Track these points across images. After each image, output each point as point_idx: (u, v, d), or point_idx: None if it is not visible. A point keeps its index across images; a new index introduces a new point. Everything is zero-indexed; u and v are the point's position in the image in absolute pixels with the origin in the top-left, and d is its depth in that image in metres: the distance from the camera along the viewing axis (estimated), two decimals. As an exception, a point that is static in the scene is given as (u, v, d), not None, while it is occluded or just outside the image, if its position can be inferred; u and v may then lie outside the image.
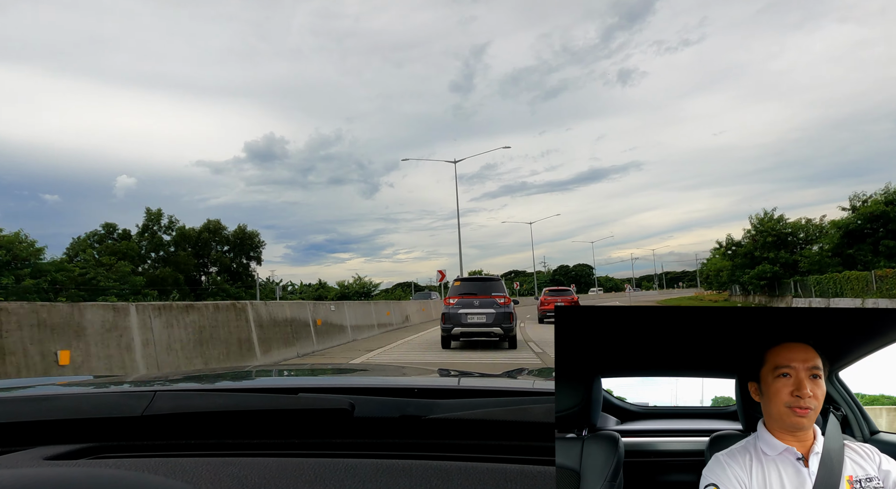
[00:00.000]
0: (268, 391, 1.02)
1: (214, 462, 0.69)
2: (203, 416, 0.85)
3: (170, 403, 0.86)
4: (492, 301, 11.35)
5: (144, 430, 0.85)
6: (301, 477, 0.65)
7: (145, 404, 0.84)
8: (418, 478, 0.65)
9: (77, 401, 0.91)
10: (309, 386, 1.08)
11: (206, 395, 0.95)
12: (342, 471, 0.66)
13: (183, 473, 0.65)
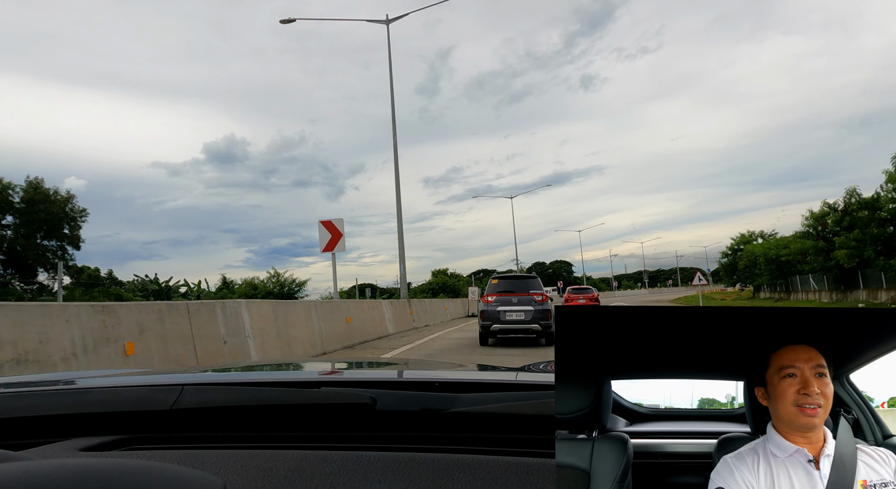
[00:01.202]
0: (291, 385, 1.05)
1: (241, 454, 0.72)
2: (229, 410, 0.88)
3: (197, 397, 0.89)
4: (530, 298, 11.61)
5: (173, 423, 0.88)
6: (325, 469, 0.66)
7: (174, 398, 0.88)
8: (440, 471, 0.65)
9: (110, 395, 0.95)
10: (332, 380, 1.10)
11: (231, 389, 0.98)
12: (365, 463, 0.68)
13: (211, 465, 0.68)
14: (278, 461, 0.69)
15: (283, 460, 0.69)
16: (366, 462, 0.68)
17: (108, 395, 0.95)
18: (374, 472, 0.65)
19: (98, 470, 0.38)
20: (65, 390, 1.00)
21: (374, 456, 0.70)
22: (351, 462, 0.68)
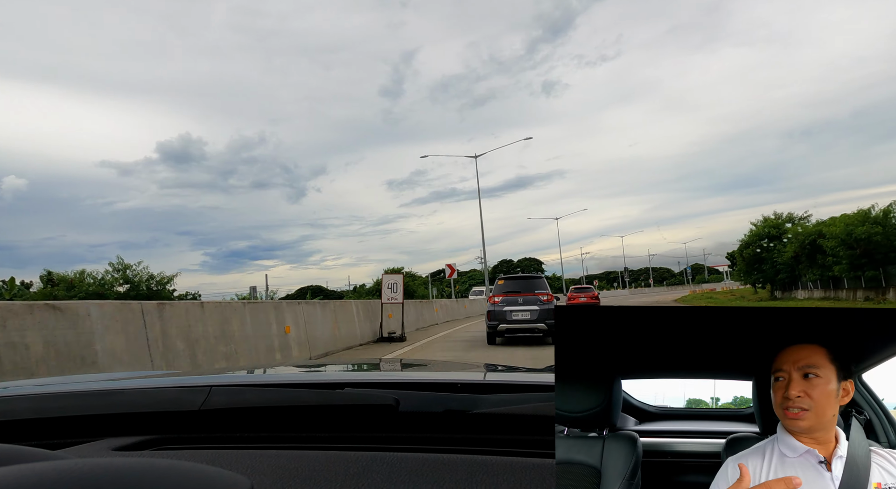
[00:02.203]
0: (316, 386, 1.07)
1: (267, 454, 0.74)
2: (256, 410, 0.90)
3: (225, 398, 0.92)
4: (535, 298, 11.84)
5: (202, 423, 0.91)
6: (349, 470, 0.68)
7: (202, 399, 0.90)
8: (464, 472, 0.66)
9: (141, 396, 0.98)
10: (355, 381, 1.12)
11: (258, 390, 1.01)
12: (388, 464, 0.69)
13: (239, 465, 0.70)
14: (304, 461, 0.71)
15: (309, 460, 0.71)
16: (389, 463, 0.69)
17: (139, 397, 0.98)
18: (397, 473, 0.67)
19: (131, 469, 0.40)
20: (98, 391, 1.03)
21: (397, 457, 0.71)
22: (375, 463, 0.69)
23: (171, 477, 0.40)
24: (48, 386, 1.12)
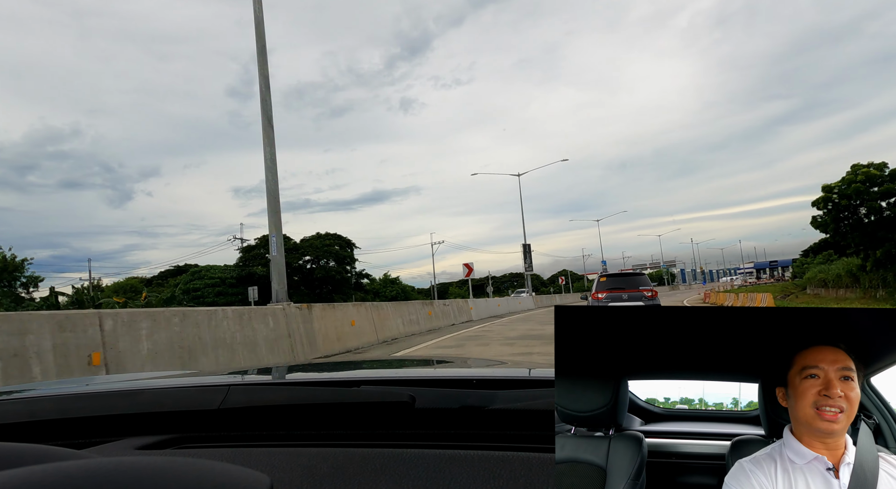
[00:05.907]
0: (332, 384, 1.08)
1: (286, 452, 0.75)
2: (273, 409, 0.91)
3: (243, 397, 0.93)
4: (640, 295, 12.14)
5: (221, 422, 0.92)
6: (367, 467, 0.69)
7: (221, 398, 0.91)
8: (480, 468, 0.67)
9: (161, 396, 1.00)
10: (371, 378, 1.13)
11: (275, 389, 1.02)
12: (405, 461, 0.70)
13: (258, 463, 0.71)
14: (322, 459, 0.71)
15: (327, 458, 0.72)
16: (406, 459, 0.70)
17: (160, 396, 1.00)
18: (414, 470, 0.67)
19: (154, 467, 0.41)
20: (120, 392, 1.04)
21: (414, 453, 0.72)
22: (392, 460, 0.70)
23: (193, 474, 0.41)
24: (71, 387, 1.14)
